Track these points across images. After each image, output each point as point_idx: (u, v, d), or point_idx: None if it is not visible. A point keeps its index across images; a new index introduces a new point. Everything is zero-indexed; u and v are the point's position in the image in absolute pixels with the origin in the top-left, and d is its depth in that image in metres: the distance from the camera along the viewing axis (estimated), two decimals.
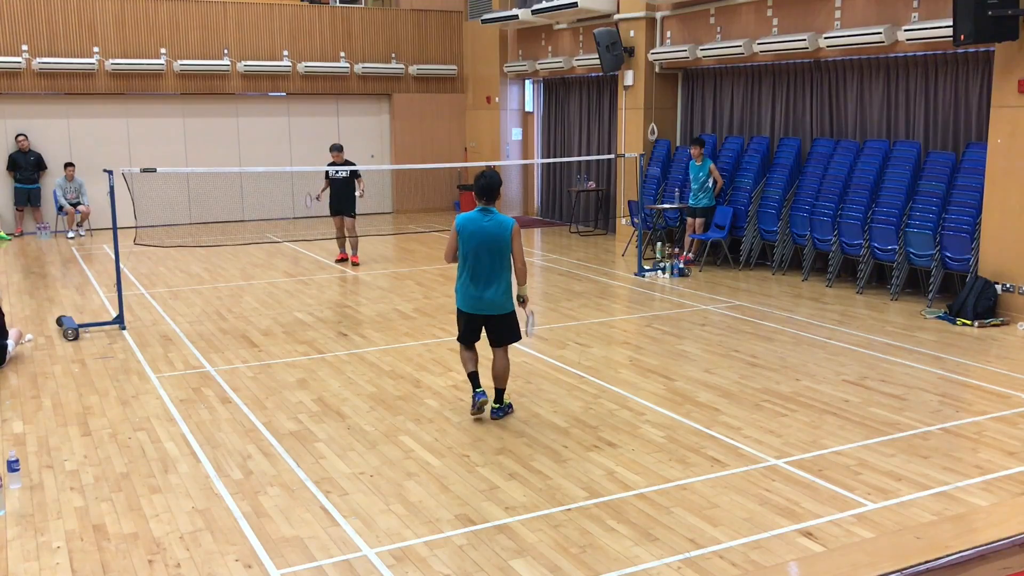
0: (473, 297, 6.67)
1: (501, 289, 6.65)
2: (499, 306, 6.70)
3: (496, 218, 6.58)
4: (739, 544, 4.98)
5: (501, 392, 6.96)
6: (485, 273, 6.60)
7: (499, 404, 6.95)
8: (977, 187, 10.28)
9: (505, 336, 6.84)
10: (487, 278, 6.60)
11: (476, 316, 6.76)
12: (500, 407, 6.95)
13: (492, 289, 6.62)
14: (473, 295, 6.66)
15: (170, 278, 13.01)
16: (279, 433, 6.76)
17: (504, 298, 6.69)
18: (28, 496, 5.70)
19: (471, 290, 6.65)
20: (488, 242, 6.55)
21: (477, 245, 6.56)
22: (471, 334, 6.89)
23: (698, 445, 6.44)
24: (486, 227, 6.54)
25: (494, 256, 6.57)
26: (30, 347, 9.23)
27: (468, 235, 6.57)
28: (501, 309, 6.72)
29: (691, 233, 13.42)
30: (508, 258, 6.64)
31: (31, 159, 17.11)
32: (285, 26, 19.08)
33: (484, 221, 6.56)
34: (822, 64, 12.81)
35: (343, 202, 13.79)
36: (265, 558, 4.89)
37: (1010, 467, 5.99)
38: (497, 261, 6.59)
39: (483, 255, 6.56)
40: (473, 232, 6.56)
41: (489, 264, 6.58)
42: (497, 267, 6.60)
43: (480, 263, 6.58)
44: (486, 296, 6.64)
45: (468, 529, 5.19)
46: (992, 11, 9.25)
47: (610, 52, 14.86)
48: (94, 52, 17.48)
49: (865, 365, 8.34)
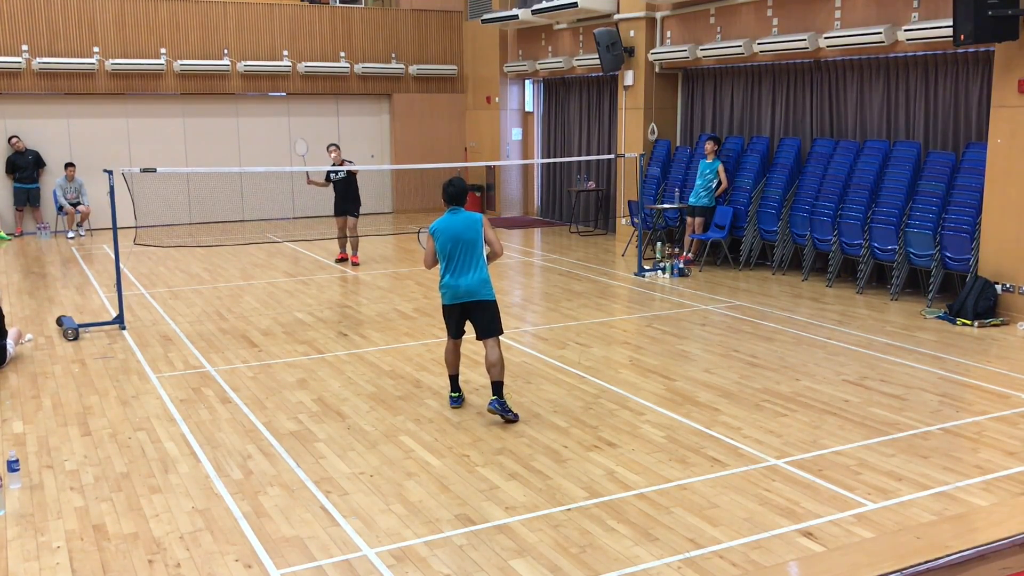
0: (451, 287, 6.98)
1: (478, 276, 6.95)
2: (476, 292, 6.96)
3: (464, 214, 7.03)
4: (739, 544, 4.97)
5: (499, 385, 6.96)
6: (462, 264, 6.95)
7: (498, 397, 6.94)
8: (977, 187, 10.28)
9: (489, 325, 7.03)
10: (463, 267, 6.95)
11: (455, 306, 7.04)
12: (499, 400, 6.92)
13: (468, 276, 6.93)
14: (452, 285, 6.97)
15: (170, 278, 13.01)
16: (279, 433, 6.76)
17: (481, 284, 6.96)
18: (28, 496, 5.70)
19: (450, 281, 6.98)
20: (461, 235, 6.95)
21: (452, 241, 6.94)
22: (455, 326, 7.15)
23: (698, 445, 6.44)
24: (456, 224, 6.98)
25: (468, 247, 6.96)
26: (30, 347, 9.23)
27: (443, 234, 6.98)
28: (479, 295, 6.97)
29: (691, 233, 13.42)
30: (481, 248, 7.01)
31: (29, 158, 17.10)
32: (285, 26, 19.08)
33: (455, 219, 7.00)
34: (822, 64, 12.81)
35: (347, 202, 13.80)
36: (265, 558, 4.89)
37: (1010, 467, 5.99)
38: (471, 251, 6.97)
39: (458, 247, 6.94)
40: (446, 230, 6.97)
41: (464, 255, 6.96)
42: (471, 256, 6.97)
43: (456, 256, 6.95)
44: (463, 284, 6.93)
45: (468, 529, 5.19)
46: (992, 11, 9.25)
47: (610, 52, 14.86)
48: (94, 52, 17.48)
49: (865, 365, 8.34)
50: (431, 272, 13.21)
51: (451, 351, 7.25)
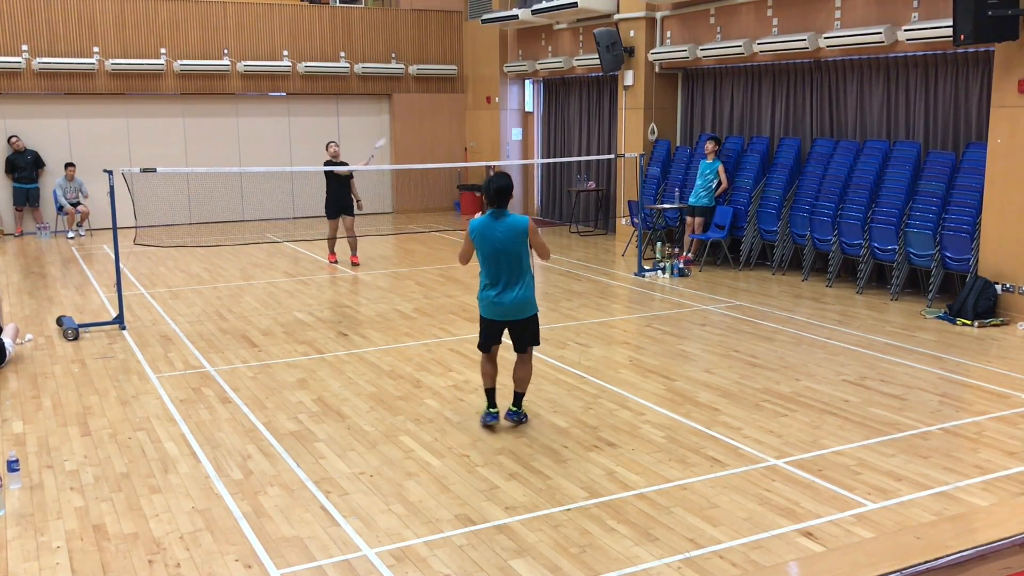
0: (494, 303, 6.52)
1: (522, 292, 6.50)
2: (521, 310, 6.55)
3: (508, 220, 6.44)
4: (739, 544, 4.98)
5: (520, 396, 6.84)
6: (504, 278, 6.46)
7: (517, 407, 6.82)
8: (977, 187, 10.28)
9: (527, 340, 6.71)
10: (507, 282, 6.46)
11: (497, 322, 6.63)
12: (517, 411, 6.82)
13: (514, 292, 6.47)
14: (494, 301, 6.51)
15: (170, 278, 13.01)
16: (279, 433, 6.76)
17: (526, 301, 6.54)
18: (28, 496, 5.70)
19: (492, 296, 6.52)
20: (505, 247, 6.41)
21: (493, 251, 6.42)
22: (492, 339, 6.72)
23: (698, 445, 6.44)
24: (499, 232, 6.40)
25: (512, 259, 6.43)
26: (30, 347, 9.23)
27: (482, 241, 6.44)
28: (523, 313, 6.57)
29: (691, 233, 13.42)
30: (527, 259, 6.49)
31: (28, 158, 17.10)
32: (285, 26, 19.08)
33: (497, 226, 6.42)
34: (822, 64, 12.81)
35: (345, 202, 13.79)
36: (265, 558, 4.89)
37: (1010, 467, 5.99)
38: (515, 264, 6.44)
39: (501, 259, 6.42)
40: (487, 237, 6.41)
41: (508, 268, 6.44)
42: (516, 270, 6.45)
43: (499, 268, 6.44)
44: (508, 301, 6.48)
45: (468, 529, 5.19)
46: (992, 11, 9.25)
47: (610, 52, 14.86)
48: (94, 52, 17.48)
49: (865, 365, 8.34)
50: (431, 272, 13.23)
51: (487, 363, 6.81)
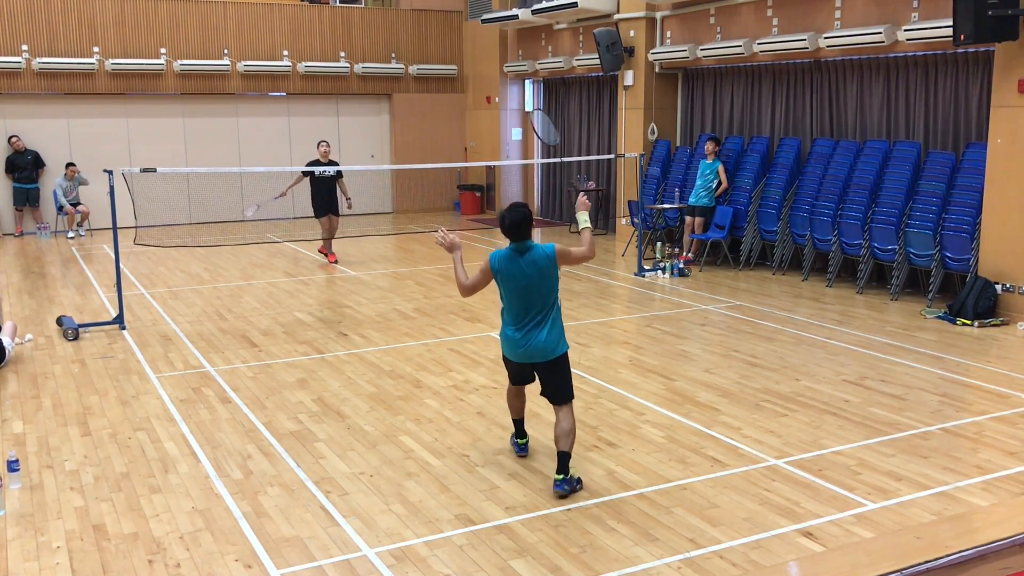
0: (517, 343, 5.76)
1: (554, 332, 5.75)
2: (552, 351, 5.73)
3: (533, 254, 5.69)
4: (739, 544, 4.97)
5: (566, 457, 5.63)
6: (532, 315, 5.71)
7: (563, 475, 5.59)
8: (977, 187, 10.28)
9: (562, 388, 5.77)
10: (535, 320, 5.71)
11: (525, 364, 5.84)
12: (564, 479, 5.59)
13: (542, 332, 5.70)
14: (517, 341, 5.75)
15: (170, 278, 13.01)
16: (279, 433, 6.75)
17: (557, 342, 5.75)
18: (28, 496, 5.70)
19: (515, 335, 5.76)
20: (535, 284, 5.70)
21: (520, 288, 5.70)
22: (522, 380, 6.04)
23: (698, 445, 6.44)
24: (526, 268, 5.68)
25: (543, 297, 5.73)
26: (30, 347, 9.23)
27: (507, 279, 5.73)
28: (551, 354, 5.73)
29: (691, 233, 13.42)
30: (556, 291, 5.82)
31: (28, 158, 17.10)
32: (285, 26, 19.08)
33: (522, 261, 5.69)
34: (822, 64, 12.81)
35: (333, 201, 13.83)
36: (265, 558, 4.89)
37: (1010, 467, 5.99)
38: (546, 299, 5.74)
39: (531, 296, 5.71)
40: (512, 275, 5.70)
41: (538, 303, 5.73)
42: (545, 305, 5.74)
43: (527, 305, 5.72)
44: (534, 343, 5.70)
45: (468, 529, 5.19)
46: (992, 11, 9.25)
47: (610, 52, 14.86)
48: (94, 52, 17.48)
49: (865, 365, 8.34)
50: (431, 272, 13.22)
51: (513, 395, 6.16)
